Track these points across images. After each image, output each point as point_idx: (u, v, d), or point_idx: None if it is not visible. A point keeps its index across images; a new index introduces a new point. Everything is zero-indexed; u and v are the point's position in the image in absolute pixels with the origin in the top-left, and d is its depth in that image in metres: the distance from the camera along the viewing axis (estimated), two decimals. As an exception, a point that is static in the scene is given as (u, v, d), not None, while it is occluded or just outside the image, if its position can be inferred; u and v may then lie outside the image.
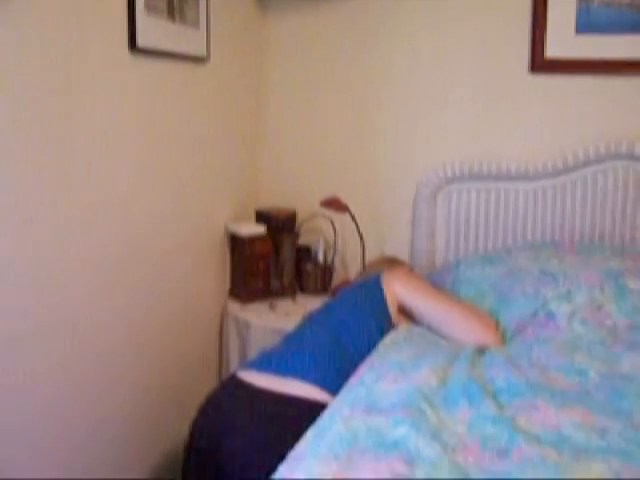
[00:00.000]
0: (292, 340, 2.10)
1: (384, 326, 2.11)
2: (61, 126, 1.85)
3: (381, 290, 2.19)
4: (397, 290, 2.21)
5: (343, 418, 1.50)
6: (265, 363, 1.98)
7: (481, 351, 1.94)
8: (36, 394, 1.83)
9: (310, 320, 2.22)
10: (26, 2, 1.68)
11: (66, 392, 1.95)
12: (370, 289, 2.22)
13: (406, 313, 2.24)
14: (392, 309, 2.17)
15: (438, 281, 2.55)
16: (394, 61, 2.94)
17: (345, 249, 3.07)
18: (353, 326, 2.07)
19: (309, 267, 2.99)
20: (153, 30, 2.21)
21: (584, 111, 2.75)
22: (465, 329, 2.13)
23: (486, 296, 2.34)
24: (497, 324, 2.21)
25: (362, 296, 2.20)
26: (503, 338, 2.16)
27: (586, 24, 2.66)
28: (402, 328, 2.12)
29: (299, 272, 3.00)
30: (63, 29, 1.83)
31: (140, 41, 2.13)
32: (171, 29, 2.32)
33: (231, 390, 1.92)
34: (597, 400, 1.65)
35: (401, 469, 1.29)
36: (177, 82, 2.41)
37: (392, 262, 2.65)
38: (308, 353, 1.96)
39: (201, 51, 2.53)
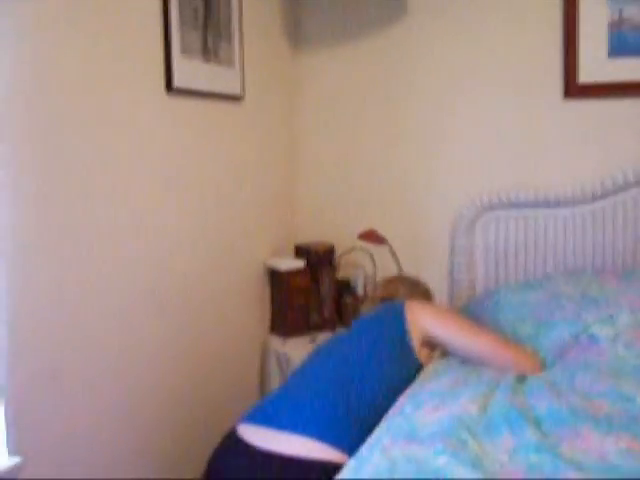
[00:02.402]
0: (295, 385, 1.98)
1: (403, 363, 2.02)
2: (101, 168, 1.90)
3: (403, 323, 2.09)
4: (426, 324, 2.10)
5: (382, 448, 1.49)
6: (265, 415, 1.86)
7: (522, 379, 1.91)
8: (78, 427, 1.86)
9: (318, 357, 2.09)
10: (66, 45, 1.75)
11: (108, 430, 1.97)
12: (390, 322, 2.11)
13: (432, 345, 2.16)
14: (415, 342, 2.07)
15: (478, 308, 2.54)
16: (427, 93, 2.95)
17: (385, 281, 3.06)
18: (363, 370, 1.94)
19: (349, 300, 2.99)
20: (188, 70, 2.26)
21: (620, 135, 2.73)
22: (505, 361, 2.06)
23: (526, 320, 2.31)
24: (535, 353, 2.17)
25: (379, 331, 2.09)
26: (543, 366, 2.12)
27: (617, 48, 2.65)
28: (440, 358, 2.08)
29: (339, 306, 2.99)
30: (102, 71, 1.89)
31: (176, 82, 2.19)
32: (206, 69, 2.38)
33: (230, 451, 1.82)
34: (644, 427, 1.61)
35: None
36: (213, 120, 2.46)
37: (414, 285, 2.56)
38: (309, 402, 1.83)
39: (236, 90, 2.58)
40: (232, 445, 1.81)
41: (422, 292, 2.52)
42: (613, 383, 1.86)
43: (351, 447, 1.64)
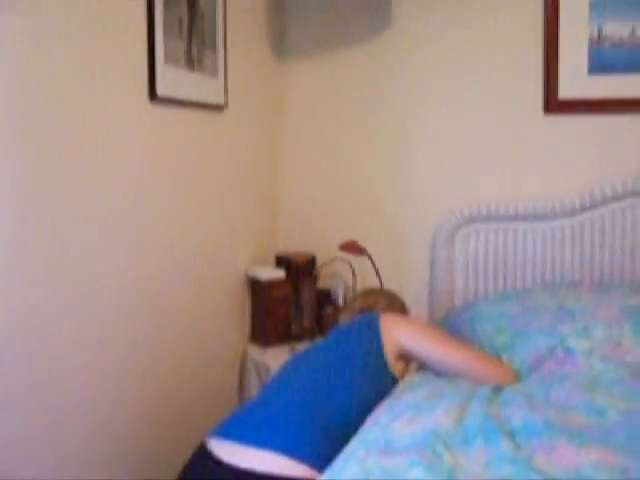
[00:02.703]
0: (267, 398, 1.96)
1: (377, 376, 2.01)
2: (82, 174, 1.89)
3: (378, 335, 2.08)
4: (401, 337, 2.09)
5: (357, 460, 1.49)
6: (236, 429, 1.83)
7: (498, 390, 1.93)
8: (58, 434, 1.85)
9: (292, 368, 2.08)
10: (47, 51, 1.74)
11: (81, 435, 1.97)
12: (366, 335, 2.09)
13: (407, 359, 2.15)
14: (390, 355, 2.06)
15: (456, 319, 2.56)
16: (409, 107, 2.98)
17: (365, 292, 3.07)
18: (337, 383, 1.93)
19: (329, 310, 2.99)
20: (172, 79, 2.27)
21: (599, 150, 2.77)
22: (479, 374, 2.07)
23: (503, 331, 2.33)
24: (509, 365, 2.20)
25: (355, 343, 2.07)
26: (518, 378, 2.14)
27: (598, 65, 2.69)
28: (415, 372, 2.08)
29: (319, 316, 3.00)
30: (84, 80, 1.88)
31: (160, 90, 2.19)
32: (190, 78, 2.38)
33: (199, 467, 1.79)
34: (617, 439, 1.62)
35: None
36: (196, 130, 2.46)
37: (392, 299, 2.54)
38: (281, 417, 1.82)
39: (219, 99, 2.59)
40: (201, 460, 1.78)
41: (399, 306, 2.52)
42: (588, 396, 1.88)
43: (323, 463, 1.61)
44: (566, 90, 2.74)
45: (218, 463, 1.73)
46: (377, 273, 2.88)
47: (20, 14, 1.64)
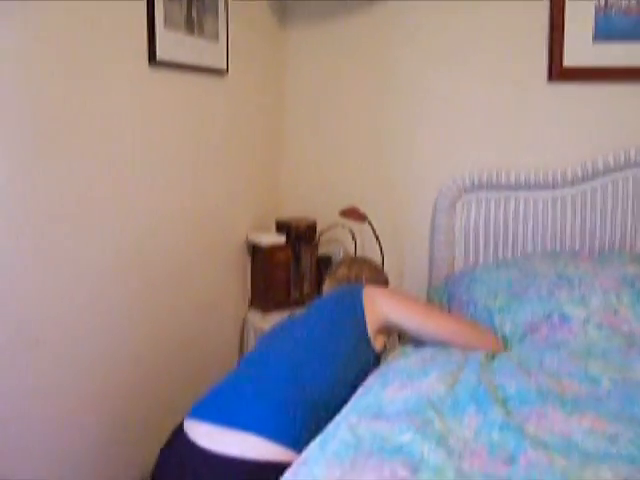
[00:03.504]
0: (246, 374, 1.90)
1: (359, 350, 1.99)
2: (81, 139, 1.89)
3: (362, 309, 2.05)
4: (386, 310, 2.07)
5: (349, 425, 1.51)
6: (214, 408, 1.78)
7: (491, 356, 1.94)
8: (50, 403, 1.88)
9: (273, 341, 2.03)
10: (45, 16, 1.74)
11: (83, 400, 1.99)
12: (348, 307, 2.07)
13: (388, 332, 2.14)
14: (371, 329, 2.02)
15: (454, 284, 2.59)
16: (412, 74, 2.96)
17: (365, 258, 3.08)
18: (319, 359, 1.89)
19: (329, 276, 3.00)
20: (172, 43, 2.25)
21: (603, 119, 2.74)
22: (466, 341, 2.08)
23: (499, 294, 2.35)
24: (495, 333, 2.22)
25: (337, 317, 2.04)
26: (504, 346, 2.16)
27: (604, 32, 2.66)
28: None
29: (319, 282, 3.01)
30: (83, 44, 1.88)
31: (159, 54, 2.18)
32: (190, 42, 2.37)
33: (176, 452, 1.74)
34: (609, 407, 1.64)
35: (404, 474, 1.30)
36: (197, 94, 2.45)
37: (377, 271, 2.52)
38: (260, 396, 1.76)
39: (220, 64, 2.57)
40: (178, 445, 1.73)
41: (383, 279, 2.52)
42: (582, 364, 1.90)
43: (303, 444, 1.56)
44: (571, 58, 2.71)
45: (194, 447, 1.68)
46: (377, 239, 2.88)
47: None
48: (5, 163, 1.66)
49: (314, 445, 1.47)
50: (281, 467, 1.48)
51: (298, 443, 1.60)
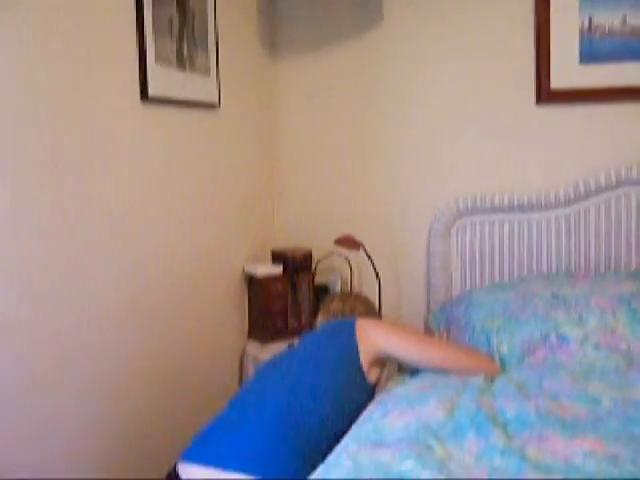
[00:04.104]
0: (239, 413, 1.86)
1: (353, 384, 1.97)
2: (74, 175, 1.90)
3: (355, 341, 2.03)
4: (380, 342, 2.04)
5: (350, 454, 1.51)
6: (208, 451, 1.75)
7: (490, 380, 1.94)
8: (49, 433, 1.87)
9: (267, 377, 2.00)
10: (39, 52, 1.76)
11: (81, 433, 1.99)
12: (341, 341, 2.06)
13: (382, 364, 2.12)
14: (365, 361, 2.01)
15: (452, 308, 2.60)
16: (403, 99, 2.99)
17: (362, 285, 3.09)
18: (312, 392, 1.87)
19: (327, 305, 3.00)
20: (164, 79, 2.28)
21: (592, 139, 2.77)
22: (462, 368, 2.07)
23: (496, 316, 2.36)
24: (491, 357, 2.22)
25: (329, 350, 2.03)
26: (500, 370, 2.15)
27: (589, 54, 2.69)
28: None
29: (317, 311, 3.01)
30: (76, 81, 1.90)
31: (151, 90, 2.20)
32: (181, 77, 2.39)
33: None
34: (609, 428, 1.64)
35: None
36: (189, 129, 2.48)
37: (370, 307, 2.50)
38: (255, 436, 1.74)
39: (212, 98, 2.60)
40: None
41: (376, 316, 2.50)
42: (581, 385, 1.90)
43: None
44: (558, 80, 2.75)
45: None
46: (373, 267, 2.89)
47: (11, 15, 1.65)
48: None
49: (316, 475, 1.47)
50: None
51: (288, 472, 1.60)
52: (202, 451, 1.76)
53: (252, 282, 2.89)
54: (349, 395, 1.95)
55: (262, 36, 3.04)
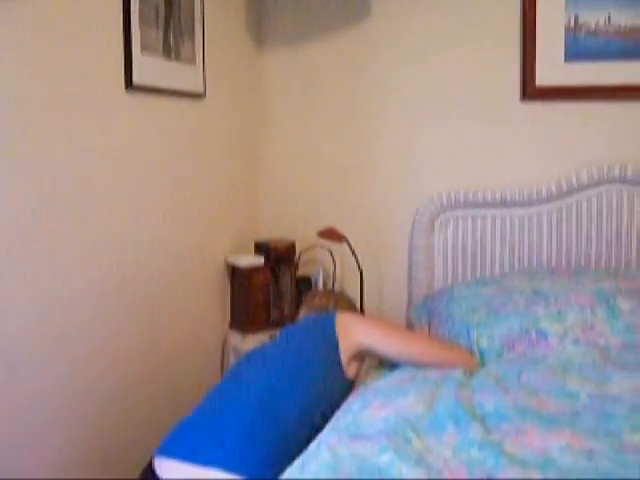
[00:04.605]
0: (215, 407, 1.84)
1: (331, 378, 1.97)
2: (57, 163, 1.90)
3: (334, 336, 2.03)
4: (360, 336, 2.04)
5: (329, 446, 1.52)
6: (184, 446, 1.73)
7: (469, 374, 1.96)
8: (31, 425, 1.87)
9: (244, 372, 1.98)
10: (24, 42, 1.75)
11: (62, 420, 1.99)
12: (320, 335, 2.05)
13: (360, 359, 2.12)
14: (344, 356, 2.01)
15: (433, 303, 2.62)
16: (389, 93, 2.99)
17: (344, 278, 3.10)
18: (290, 386, 1.86)
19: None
20: (149, 68, 2.27)
21: (575, 137, 2.79)
22: (441, 361, 2.08)
23: (476, 310, 2.37)
24: (469, 351, 2.23)
25: (309, 344, 2.03)
26: (478, 363, 2.17)
27: (574, 52, 2.71)
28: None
29: (299, 302, 3.02)
30: (60, 70, 1.89)
31: (136, 79, 2.19)
32: (167, 66, 2.39)
33: None
34: (586, 422, 1.65)
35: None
36: (174, 118, 2.47)
37: (352, 305, 2.52)
38: (231, 431, 1.72)
39: (197, 87, 2.59)
40: None
41: (357, 313, 2.51)
42: (559, 380, 1.92)
43: (273, 478, 1.53)
44: (543, 77, 2.76)
45: None
46: (356, 259, 2.90)
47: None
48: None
49: (294, 466, 1.48)
50: None
51: (269, 478, 1.56)
52: (177, 445, 1.74)
53: (235, 273, 2.89)
54: (327, 390, 1.94)
55: (249, 27, 3.03)
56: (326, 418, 1.81)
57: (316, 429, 1.75)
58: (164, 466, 1.70)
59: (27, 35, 1.76)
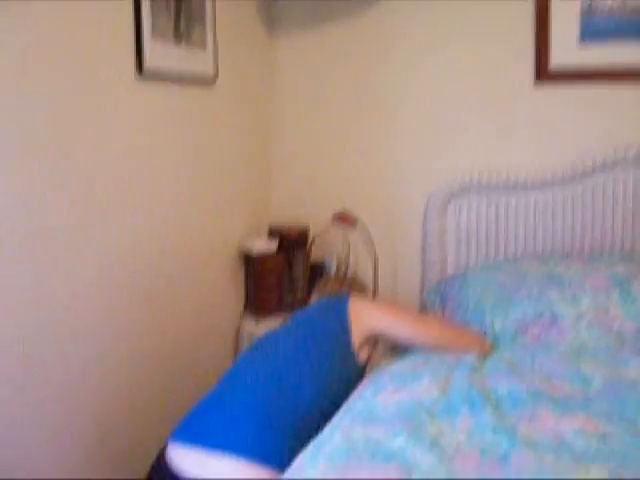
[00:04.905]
0: (226, 392, 1.85)
1: (342, 363, 1.96)
2: (69, 149, 1.90)
3: (346, 319, 2.03)
4: (372, 321, 2.04)
5: (342, 430, 1.52)
6: (196, 431, 1.74)
7: (483, 358, 1.95)
8: (44, 410, 1.88)
9: (256, 356, 1.98)
10: (35, 27, 1.75)
11: (77, 409, 2.00)
12: (332, 320, 2.05)
13: (373, 344, 2.11)
14: (356, 341, 2.00)
15: (446, 286, 2.62)
16: (402, 77, 2.97)
17: (358, 262, 3.09)
18: (301, 371, 1.85)
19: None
20: (160, 53, 2.26)
21: (590, 120, 2.75)
22: (454, 345, 2.08)
23: (490, 295, 2.37)
24: (482, 334, 2.23)
25: (320, 329, 2.02)
26: (491, 347, 2.16)
27: (589, 33, 2.67)
28: None
29: (312, 287, 3.02)
30: (71, 55, 1.89)
31: (147, 64, 2.19)
32: (178, 51, 2.38)
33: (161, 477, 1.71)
34: (600, 407, 1.66)
35: (397, 478, 1.31)
36: (185, 103, 2.46)
37: (365, 290, 2.51)
38: (242, 415, 1.73)
39: (209, 72, 2.58)
40: (163, 474, 1.70)
41: (364, 291, 2.52)
42: (573, 364, 1.92)
43: (286, 463, 1.52)
44: (557, 60, 2.72)
45: (175, 473, 1.66)
46: (371, 244, 2.89)
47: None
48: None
49: (308, 450, 1.48)
50: None
51: (283, 463, 1.55)
52: (189, 431, 1.75)
53: (248, 258, 2.90)
54: (338, 375, 1.93)
55: (260, 12, 3.02)
56: (336, 404, 1.80)
57: (326, 415, 1.74)
58: (176, 451, 1.71)
59: (37, 19, 1.76)
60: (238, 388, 1.83)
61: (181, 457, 1.69)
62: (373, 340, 2.10)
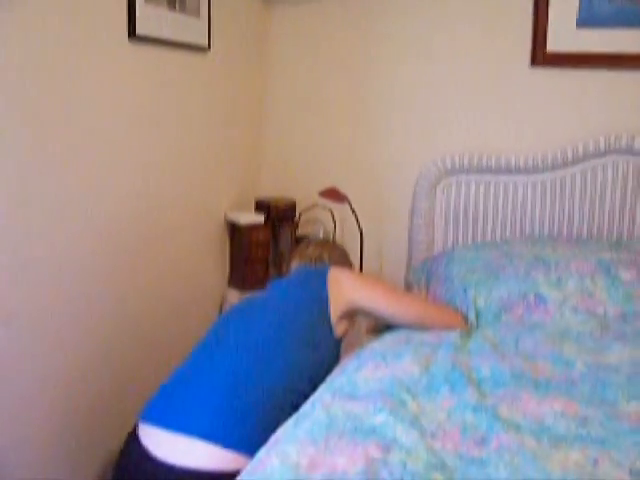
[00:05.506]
0: (196, 369, 1.80)
1: (319, 337, 1.91)
2: (61, 114, 1.87)
3: (326, 292, 1.98)
4: (353, 294, 2.00)
5: (323, 404, 1.52)
6: (164, 410, 1.71)
7: (466, 338, 1.95)
8: (29, 383, 1.87)
9: (229, 329, 1.92)
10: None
11: (60, 381, 1.99)
12: (312, 291, 2.01)
13: (351, 318, 2.08)
14: (334, 313, 1.96)
15: (433, 264, 2.61)
16: (395, 54, 2.94)
17: (344, 239, 3.08)
18: (278, 349, 1.81)
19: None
20: (152, 19, 2.23)
21: (584, 105, 2.75)
22: (433, 322, 2.07)
23: (475, 271, 2.37)
24: (461, 312, 2.22)
25: (298, 300, 1.98)
26: (470, 326, 2.16)
27: (587, 18, 2.65)
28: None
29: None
30: (63, 18, 1.85)
31: (139, 29, 2.15)
32: (171, 18, 2.34)
33: (132, 460, 1.68)
34: (581, 390, 1.66)
35: (377, 454, 1.31)
36: (177, 70, 2.43)
37: (345, 256, 2.45)
38: (211, 396, 1.69)
39: (202, 40, 2.55)
40: (133, 456, 1.68)
41: (349, 266, 2.45)
42: (557, 347, 1.91)
43: (257, 447, 1.45)
44: (554, 43, 2.71)
45: (148, 457, 1.63)
46: (357, 220, 2.88)
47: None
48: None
49: (288, 424, 1.48)
50: (231, 474, 1.46)
51: (254, 447, 1.47)
52: (161, 413, 1.71)
53: (234, 230, 2.88)
54: (316, 348, 1.89)
55: (256, -20, 2.98)
56: (313, 381, 1.77)
57: (300, 390, 1.73)
58: (148, 435, 1.68)
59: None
60: (210, 366, 1.78)
61: (152, 440, 1.66)
62: (352, 314, 2.06)
